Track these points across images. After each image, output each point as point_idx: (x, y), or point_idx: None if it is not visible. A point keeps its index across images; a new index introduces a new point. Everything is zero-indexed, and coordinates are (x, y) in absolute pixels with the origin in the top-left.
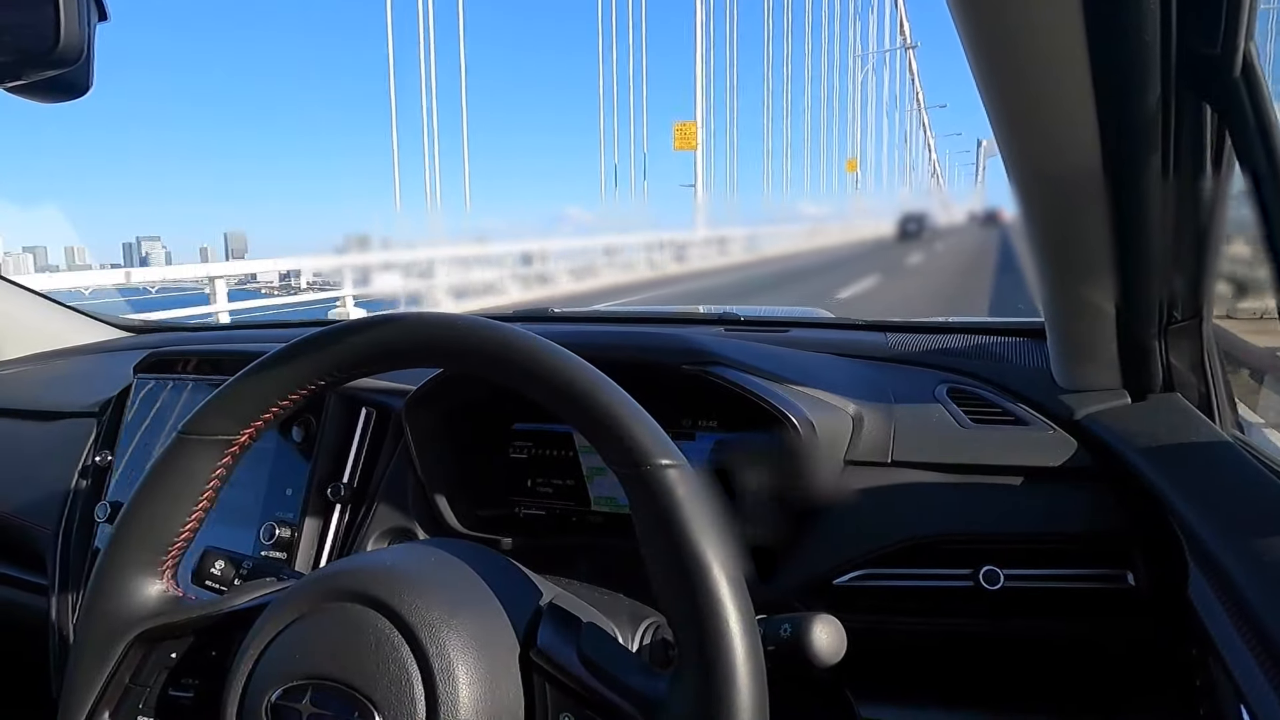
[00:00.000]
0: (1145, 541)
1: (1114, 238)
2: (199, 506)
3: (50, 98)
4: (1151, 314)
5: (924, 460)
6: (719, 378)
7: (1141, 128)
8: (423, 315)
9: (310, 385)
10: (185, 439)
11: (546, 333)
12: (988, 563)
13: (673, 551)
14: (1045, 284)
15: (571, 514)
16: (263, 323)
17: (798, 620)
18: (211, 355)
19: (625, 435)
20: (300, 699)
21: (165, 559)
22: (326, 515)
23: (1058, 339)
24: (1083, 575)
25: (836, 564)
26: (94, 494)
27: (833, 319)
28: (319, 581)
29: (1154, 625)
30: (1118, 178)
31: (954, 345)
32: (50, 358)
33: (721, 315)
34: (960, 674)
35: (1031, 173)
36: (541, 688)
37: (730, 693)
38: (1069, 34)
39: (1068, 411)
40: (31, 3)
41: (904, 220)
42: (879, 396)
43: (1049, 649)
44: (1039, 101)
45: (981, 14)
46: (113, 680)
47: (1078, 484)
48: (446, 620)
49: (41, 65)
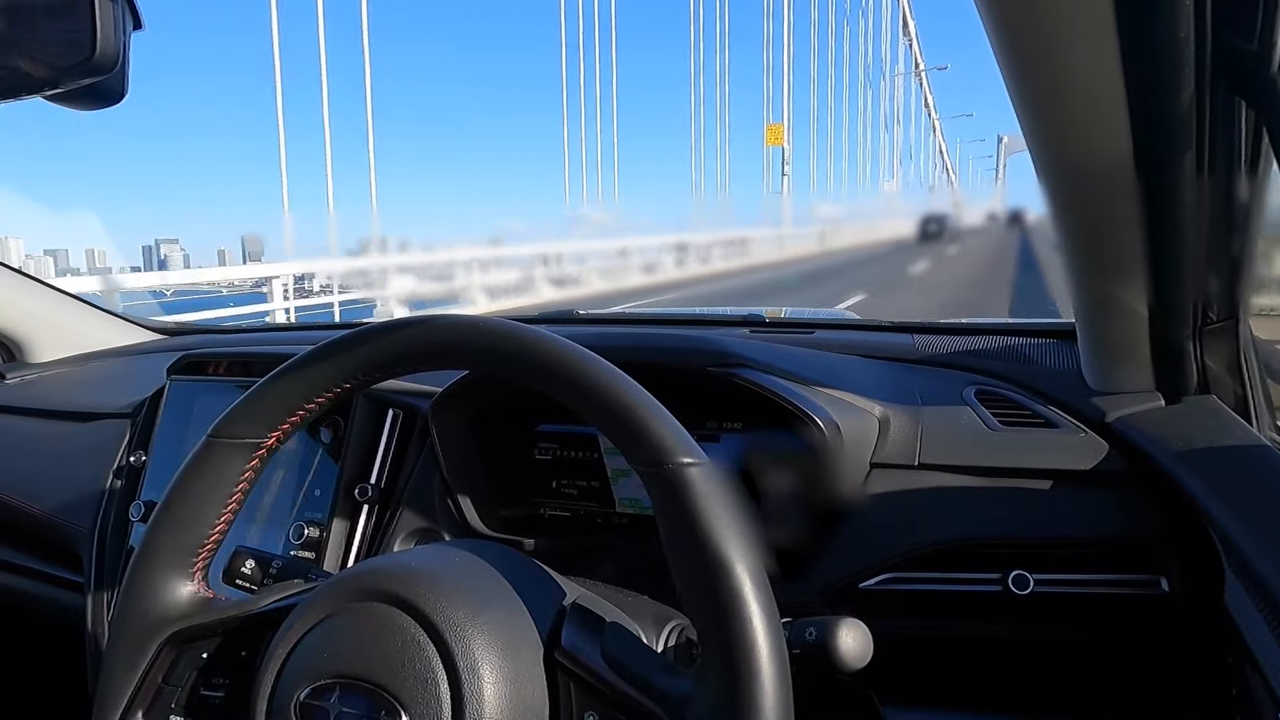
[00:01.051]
0: (1180, 547)
1: (1147, 236)
2: (228, 509)
3: (87, 105)
4: (1186, 314)
5: (952, 463)
6: (744, 379)
7: (1175, 125)
8: (446, 317)
9: (335, 388)
10: (214, 443)
11: (571, 334)
12: (1017, 567)
13: (694, 548)
14: (1076, 283)
15: (596, 516)
16: (292, 325)
17: (823, 624)
18: (243, 357)
19: (646, 433)
20: (328, 698)
21: (196, 561)
22: (354, 516)
23: (1089, 340)
24: (1115, 581)
25: (862, 567)
26: (128, 494)
27: (858, 320)
28: (345, 582)
29: (1188, 632)
30: (1150, 176)
31: (981, 347)
32: (87, 360)
33: (746, 317)
34: (988, 680)
35: (1062, 171)
36: (566, 686)
37: (754, 689)
38: (1101, 30)
39: (1099, 414)
40: (69, 12)
41: (925, 221)
42: (905, 398)
43: (1079, 655)
44: (1070, 99)
45: (1010, 10)
46: (146, 680)
47: (1109, 488)
48: (471, 619)
49: (78, 74)
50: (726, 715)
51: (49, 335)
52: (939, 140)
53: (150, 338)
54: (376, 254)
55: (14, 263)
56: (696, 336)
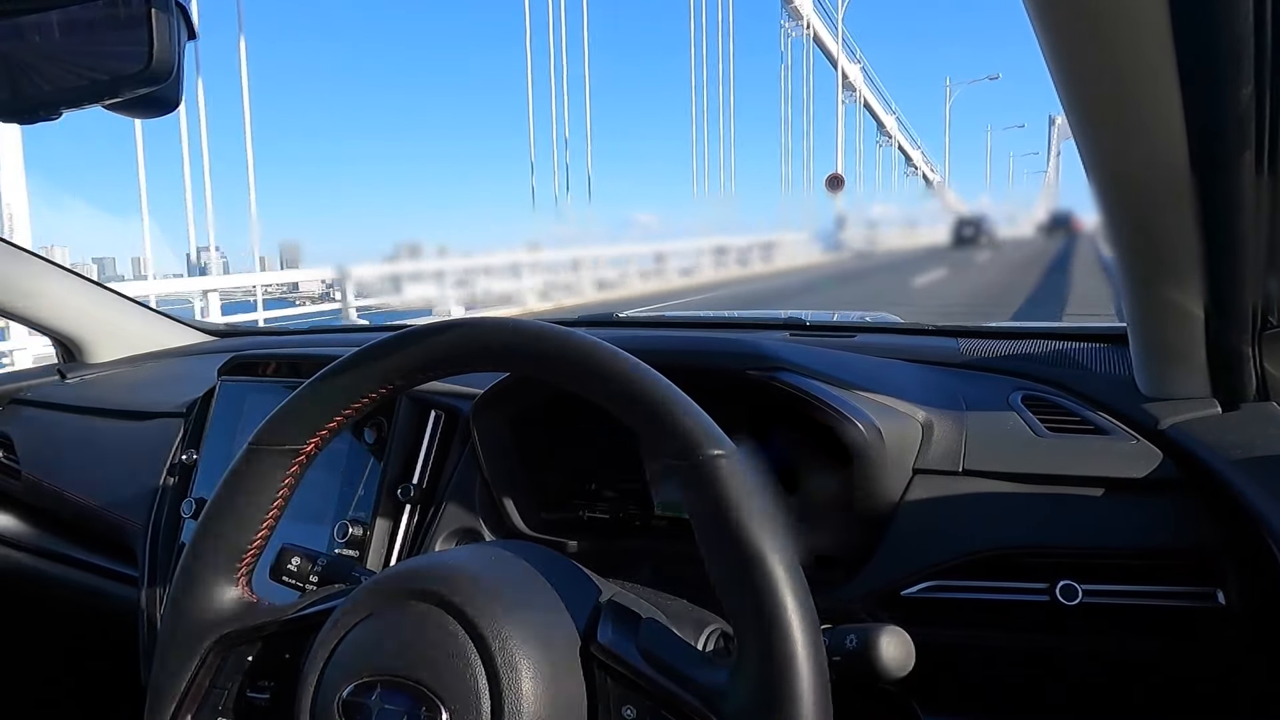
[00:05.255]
0: (1238, 558)
1: (1203, 239)
2: (270, 514)
3: (144, 113)
4: (1244, 318)
5: (997, 470)
6: (784, 383)
7: (1233, 124)
8: (484, 320)
9: (375, 393)
10: (256, 450)
11: (609, 337)
12: (1065, 577)
13: (727, 541)
14: (1128, 286)
15: (635, 518)
16: (337, 327)
17: (864, 631)
18: (290, 358)
19: (676, 428)
20: (370, 695)
21: (240, 566)
22: (397, 515)
23: (1142, 344)
24: (1168, 593)
25: (905, 574)
26: (180, 491)
27: (901, 324)
28: (386, 582)
29: (1246, 646)
30: (1207, 176)
31: (1029, 351)
32: (141, 360)
33: (787, 320)
34: (1034, 692)
35: (1114, 172)
36: (603, 681)
37: (791, 680)
38: (1155, 28)
39: (1152, 420)
40: (127, 25)
41: (959, 225)
42: (950, 403)
43: (1130, 668)
44: (1123, 98)
45: (1061, 7)
46: (194, 683)
47: (1163, 496)
48: (509, 617)
49: (136, 83)
50: (763, 704)
51: (106, 336)
52: (898, 140)
53: (201, 339)
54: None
55: None
56: (736, 340)
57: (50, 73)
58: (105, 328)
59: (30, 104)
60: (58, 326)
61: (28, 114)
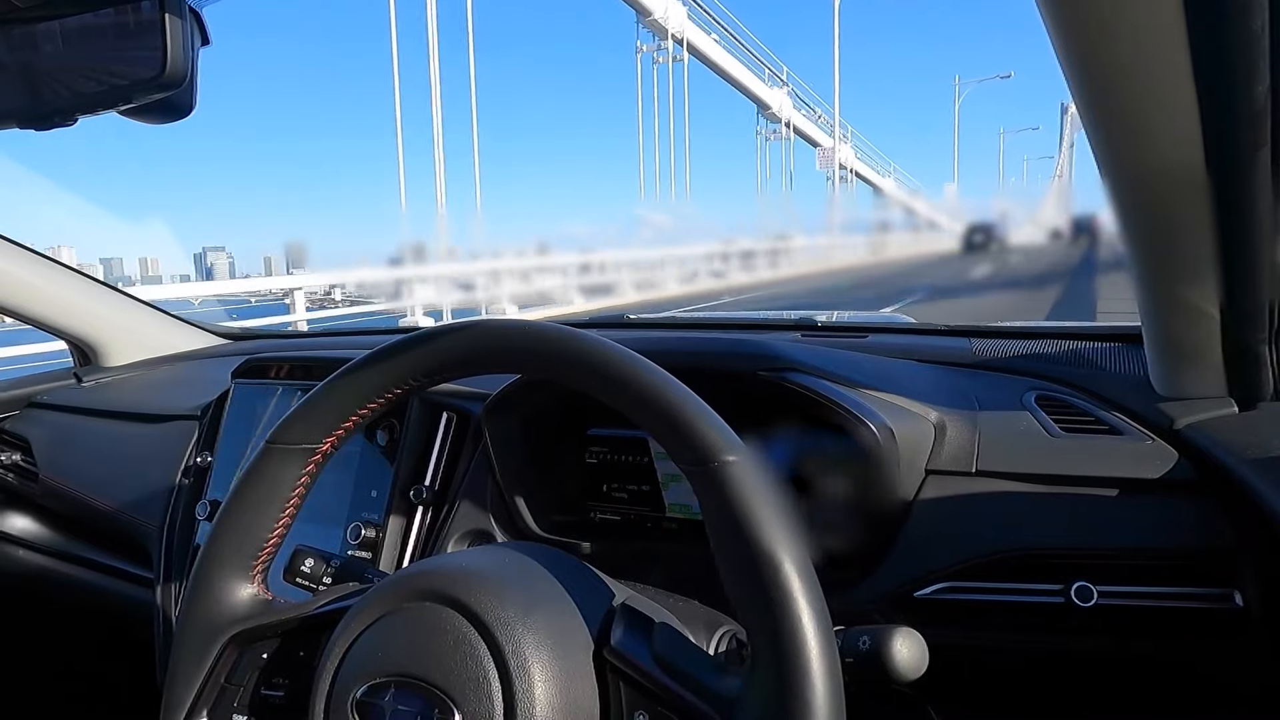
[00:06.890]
0: (1255, 559)
1: (1218, 237)
2: (286, 513)
3: (158, 119)
4: (1261, 317)
5: (1011, 470)
6: (796, 384)
7: (1248, 120)
8: (496, 321)
9: (388, 394)
10: (271, 449)
11: (621, 339)
12: (1080, 578)
13: (741, 545)
14: (1143, 284)
15: (646, 520)
16: (350, 330)
17: (877, 633)
18: (303, 361)
19: (690, 432)
20: (383, 696)
21: (255, 564)
22: (409, 517)
23: (1156, 343)
24: (1185, 594)
25: (918, 576)
26: (195, 492)
27: (914, 324)
28: (399, 583)
29: (1264, 648)
30: (1221, 174)
31: (1042, 350)
32: (157, 363)
33: (798, 321)
34: (1049, 694)
35: (1128, 171)
36: (616, 686)
37: (805, 686)
38: (1169, 26)
39: (1167, 420)
40: (141, 32)
41: (970, 231)
42: (963, 404)
43: (1146, 670)
44: (1136, 94)
45: (1075, 12)
46: (210, 681)
47: (1179, 497)
48: (521, 619)
49: (150, 89)
50: (777, 711)
51: (122, 340)
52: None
53: (214, 342)
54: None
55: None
56: (748, 341)
57: (66, 80)
58: (120, 331)
59: (47, 110)
60: (74, 330)
61: (44, 120)
